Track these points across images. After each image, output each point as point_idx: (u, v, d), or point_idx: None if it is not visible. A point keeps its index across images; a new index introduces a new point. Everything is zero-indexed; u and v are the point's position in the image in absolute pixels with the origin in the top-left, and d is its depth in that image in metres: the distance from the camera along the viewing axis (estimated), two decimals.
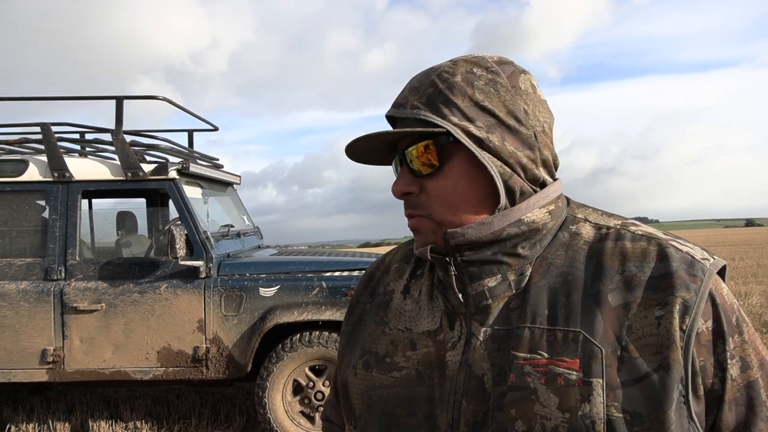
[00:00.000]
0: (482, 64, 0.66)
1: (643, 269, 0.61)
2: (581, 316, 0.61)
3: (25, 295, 3.50)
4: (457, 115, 0.64)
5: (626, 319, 0.59)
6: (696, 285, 0.59)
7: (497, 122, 0.64)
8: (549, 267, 0.65)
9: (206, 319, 3.49)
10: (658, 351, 0.57)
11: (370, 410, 0.70)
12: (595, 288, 0.62)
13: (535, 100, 0.67)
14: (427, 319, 0.70)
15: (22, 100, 3.96)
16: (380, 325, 0.74)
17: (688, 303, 0.58)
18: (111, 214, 4.63)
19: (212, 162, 4.55)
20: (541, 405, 0.59)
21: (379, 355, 0.71)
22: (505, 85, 0.66)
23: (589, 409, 0.57)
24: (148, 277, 3.55)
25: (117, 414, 4.13)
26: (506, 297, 0.65)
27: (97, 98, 3.91)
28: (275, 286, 3.50)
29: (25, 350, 3.49)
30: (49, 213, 3.65)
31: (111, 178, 3.65)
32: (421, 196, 0.67)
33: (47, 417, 4.07)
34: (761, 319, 6.52)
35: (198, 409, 4.17)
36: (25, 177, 3.65)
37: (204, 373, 3.50)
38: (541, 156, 0.67)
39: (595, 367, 0.58)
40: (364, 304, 0.79)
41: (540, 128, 0.67)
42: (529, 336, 0.62)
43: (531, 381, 0.60)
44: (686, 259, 0.61)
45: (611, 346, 0.58)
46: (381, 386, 0.70)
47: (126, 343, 3.49)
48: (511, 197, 0.65)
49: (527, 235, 0.66)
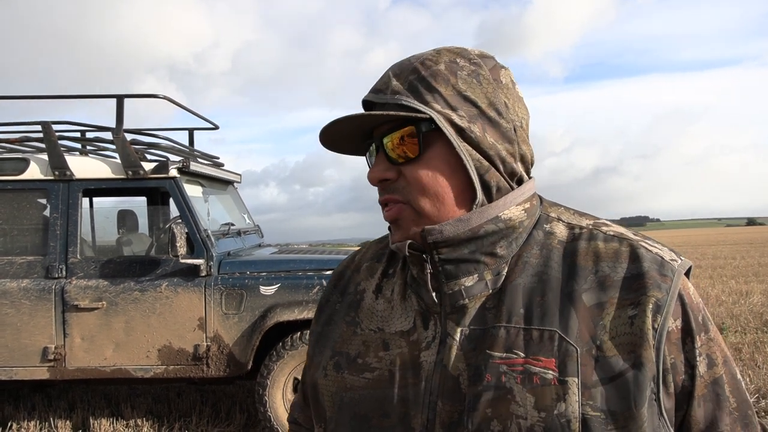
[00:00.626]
0: (465, 56, 0.66)
1: (616, 270, 0.62)
2: (557, 315, 0.61)
3: (26, 293, 3.51)
4: (440, 102, 0.63)
5: (600, 318, 0.60)
6: (666, 285, 0.60)
7: (479, 113, 0.64)
8: (525, 266, 0.65)
9: (207, 317, 3.50)
10: (631, 350, 0.58)
11: (341, 412, 0.68)
12: (569, 288, 0.62)
13: (514, 95, 0.68)
14: (400, 319, 0.68)
15: (24, 99, 3.97)
16: (351, 325, 0.72)
17: (660, 302, 0.59)
18: (112, 213, 4.64)
19: (213, 160, 4.56)
20: (516, 404, 0.58)
21: (351, 356, 0.70)
22: (487, 78, 0.65)
23: (564, 407, 0.57)
24: (148, 276, 3.55)
25: (118, 412, 4.14)
26: (483, 297, 0.65)
27: (97, 97, 3.92)
28: (276, 285, 3.51)
29: (26, 348, 3.50)
30: (50, 211, 3.66)
31: (112, 176, 3.66)
32: (399, 182, 0.66)
33: (48, 415, 4.08)
34: (762, 318, 6.52)
35: (198, 407, 4.18)
36: (26, 175, 3.65)
37: (204, 371, 3.51)
38: (519, 150, 0.67)
39: (570, 366, 0.58)
40: (334, 303, 0.77)
41: (518, 123, 0.67)
42: (504, 335, 0.61)
43: (507, 380, 0.59)
44: (657, 260, 0.62)
45: (586, 345, 0.59)
46: (352, 388, 0.68)
47: (127, 341, 3.50)
48: (488, 192, 0.65)
49: (504, 233, 0.65)
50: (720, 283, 9.76)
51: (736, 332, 5.91)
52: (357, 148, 0.73)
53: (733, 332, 5.91)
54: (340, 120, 0.65)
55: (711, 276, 10.87)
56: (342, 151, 0.73)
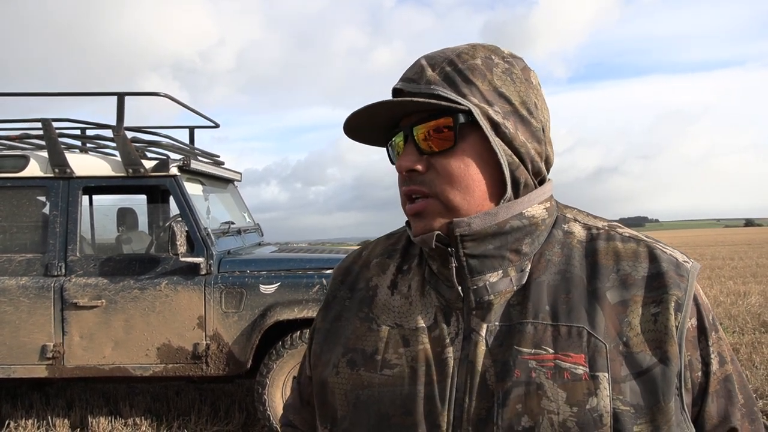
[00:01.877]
0: (499, 53, 0.67)
1: (637, 269, 0.64)
2: (583, 312, 0.62)
3: (25, 290, 3.50)
4: (477, 96, 0.63)
5: (625, 315, 0.61)
6: (684, 285, 0.62)
7: (512, 110, 0.65)
8: (547, 264, 0.66)
9: (206, 316, 3.49)
10: (657, 346, 0.60)
11: (356, 411, 0.66)
12: (593, 286, 0.63)
13: (541, 97, 0.69)
14: (419, 315, 0.67)
15: (25, 96, 3.96)
16: (366, 321, 0.70)
17: (680, 301, 0.61)
18: (111, 211, 4.64)
19: (213, 159, 4.55)
20: (548, 400, 0.58)
21: (367, 352, 0.68)
22: (519, 77, 0.66)
23: (596, 402, 0.57)
24: (148, 274, 3.54)
25: (116, 410, 4.13)
26: (507, 293, 0.65)
27: (98, 94, 3.91)
28: (276, 283, 3.51)
29: (24, 346, 3.49)
30: (49, 209, 3.65)
31: (112, 174, 3.65)
32: (428, 174, 0.65)
33: (46, 413, 4.07)
34: (760, 319, 6.53)
35: (197, 406, 4.18)
36: (26, 173, 3.64)
37: (204, 370, 3.50)
38: (545, 151, 0.68)
39: (600, 361, 0.59)
40: (343, 299, 0.75)
41: (545, 125, 0.68)
42: (532, 331, 0.61)
43: (537, 376, 0.59)
44: (673, 261, 0.64)
45: (613, 341, 0.60)
46: (370, 385, 0.66)
47: (126, 340, 3.49)
48: (516, 189, 0.66)
49: (528, 230, 0.66)
50: (718, 283, 9.78)
51: (733, 333, 5.92)
52: (378, 138, 0.72)
53: (730, 333, 5.92)
54: (375, 105, 0.64)
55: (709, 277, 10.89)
56: (363, 139, 0.72)
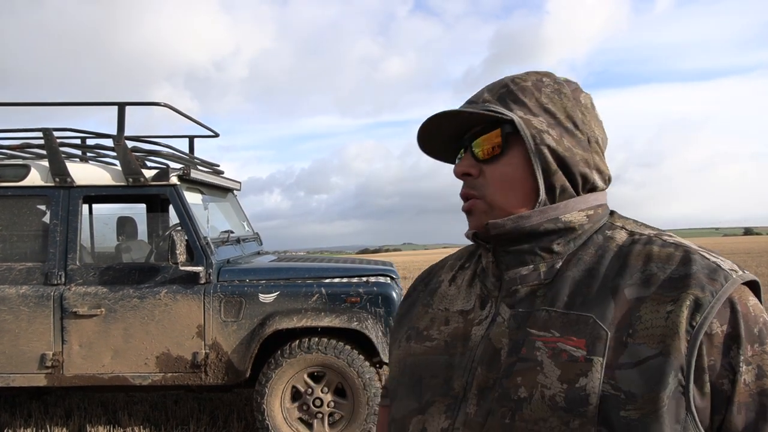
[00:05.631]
0: (551, 77, 0.77)
1: (664, 270, 0.65)
2: (596, 303, 0.66)
3: (24, 299, 3.51)
4: (523, 110, 0.73)
5: (637, 311, 0.63)
6: (713, 288, 0.62)
7: (557, 122, 0.73)
8: (578, 262, 0.71)
9: (206, 325, 3.50)
10: (661, 340, 0.61)
11: (402, 374, 0.80)
12: (614, 282, 0.67)
13: (592, 114, 0.76)
14: (462, 301, 0.79)
15: (26, 106, 3.99)
16: (426, 306, 0.84)
17: (701, 301, 0.61)
18: (111, 220, 4.65)
19: (213, 168, 4.58)
20: (543, 375, 0.64)
21: (419, 329, 0.81)
22: (568, 95, 0.75)
23: (586, 383, 0.62)
24: (147, 283, 3.55)
25: (115, 419, 4.12)
26: (534, 285, 0.72)
27: (99, 104, 3.93)
28: (275, 292, 3.51)
29: (24, 355, 3.49)
30: (49, 218, 3.66)
31: (112, 183, 3.67)
32: (479, 179, 0.75)
33: (45, 422, 4.06)
34: None
35: (196, 415, 4.17)
36: (27, 182, 3.66)
37: (203, 379, 3.51)
38: (595, 161, 0.74)
39: (598, 346, 0.63)
40: (419, 292, 0.89)
41: (594, 138, 0.75)
42: (546, 317, 0.68)
43: (539, 354, 0.66)
44: (710, 266, 0.64)
45: (618, 331, 0.63)
46: (414, 354, 0.79)
47: (125, 348, 3.50)
48: (552, 194, 0.72)
49: (562, 233, 0.72)
50: None
51: None
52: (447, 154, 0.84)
53: None
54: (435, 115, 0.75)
55: None
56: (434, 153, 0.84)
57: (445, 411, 0.71)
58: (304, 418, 3.52)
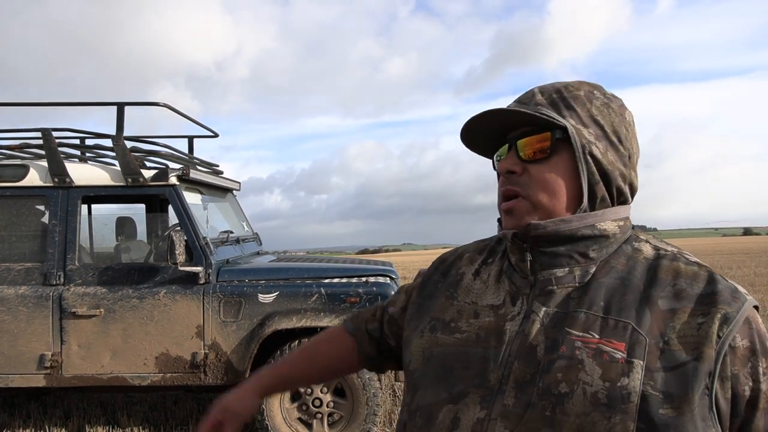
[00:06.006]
0: (601, 90, 0.81)
1: (693, 287, 0.72)
2: (633, 311, 0.71)
3: (23, 299, 3.50)
4: (574, 119, 0.77)
5: (671, 321, 0.70)
6: (737, 305, 0.70)
7: (604, 135, 0.78)
8: (611, 270, 0.76)
9: (205, 325, 3.49)
10: (695, 347, 0.67)
11: (427, 364, 0.81)
12: (648, 293, 0.72)
13: (632, 131, 0.81)
14: (492, 296, 0.82)
15: (25, 106, 3.98)
16: (450, 298, 0.86)
17: (729, 316, 0.69)
18: (110, 220, 4.64)
19: (212, 168, 4.57)
20: (585, 373, 0.69)
21: (445, 320, 0.83)
22: (616, 111, 0.80)
23: (627, 382, 0.67)
24: (147, 283, 3.55)
25: (114, 420, 4.12)
26: (569, 287, 0.76)
27: (98, 104, 3.93)
28: (274, 293, 3.51)
29: (23, 355, 3.49)
30: (48, 218, 3.66)
31: (111, 183, 3.67)
32: (523, 177, 0.78)
33: (44, 423, 4.05)
34: None
35: (195, 416, 4.16)
36: (26, 182, 3.66)
37: (202, 379, 3.50)
38: (629, 176, 0.80)
39: (638, 351, 0.68)
40: (436, 282, 0.91)
41: (632, 154, 0.80)
42: (584, 318, 0.72)
43: (579, 353, 0.70)
44: (731, 287, 0.72)
45: (655, 338, 0.69)
46: (443, 344, 0.81)
47: (124, 349, 3.49)
48: (593, 202, 0.77)
49: (597, 240, 0.77)
50: None
51: None
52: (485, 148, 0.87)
53: None
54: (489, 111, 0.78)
55: None
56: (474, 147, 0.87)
57: (480, 402, 0.73)
58: (304, 419, 3.51)
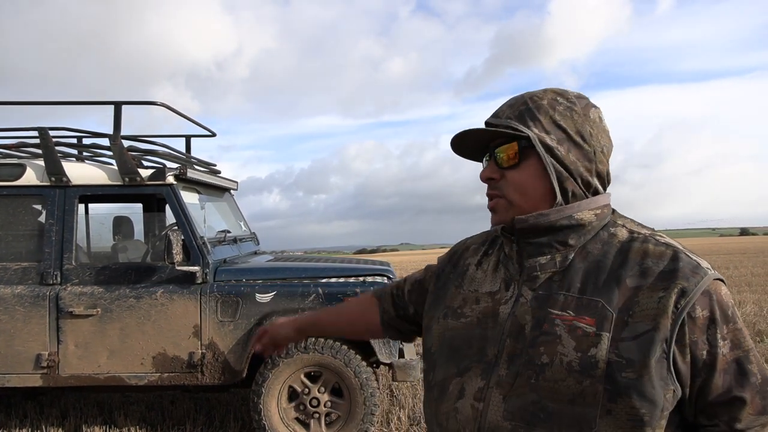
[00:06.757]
0: (565, 95, 0.90)
1: (658, 265, 0.82)
2: (604, 290, 0.82)
3: (20, 299, 3.49)
4: (538, 127, 0.88)
5: (636, 296, 0.80)
6: (695, 279, 0.80)
7: (567, 137, 0.88)
8: (587, 255, 0.87)
9: (202, 325, 3.49)
10: (653, 318, 0.78)
11: (442, 346, 0.96)
12: (618, 273, 0.83)
13: (599, 127, 0.90)
14: (489, 284, 0.95)
15: (22, 105, 3.97)
16: (458, 288, 1.00)
17: (686, 290, 0.79)
18: (107, 219, 4.63)
19: (209, 168, 4.56)
20: (562, 346, 0.82)
21: (454, 308, 0.97)
22: (579, 112, 0.89)
23: (596, 352, 0.79)
24: (144, 283, 3.54)
25: (111, 420, 4.11)
26: (551, 272, 0.88)
27: (96, 103, 3.92)
28: (271, 292, 3.51)
29: (19, 355, 3.48)
30: (45, 217, 3.65)
31: (108, 183, 3.66)
32: (501, 182, 0.91)
33: (40, 422, 4.05)
34: (755, 328, 6.55)
35: (192, 415, 4.16)
36: (23, 181, 3.65)
37: (199, 379, 3.50)
38: (596, 169, 0.89)
39: (606, 324, 0.80)
40: (448, 273, 1.05)
41: (600, 149, 0.89)
42: (563, 300, 0.84)
43: (558, 330, 0.83)
44: (692, 263, 0.82)
45: (621, 312, 0.80)
46: (452, 329, 0.95)
47: (121, 349, 3.48)
48: (565, 197, 0.88)
49: (575, 229, 0.88)
50: None
51: None
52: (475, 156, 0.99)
53: None
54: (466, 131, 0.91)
55: None
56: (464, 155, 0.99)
57: (481, 374, 0.88)
58: (301, 418, 3.51)
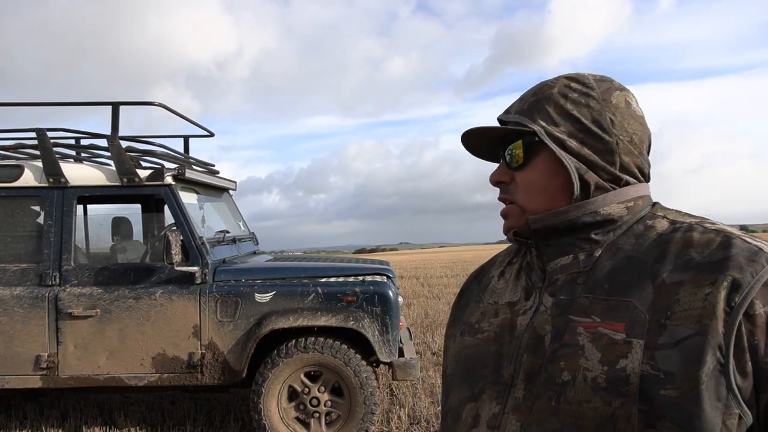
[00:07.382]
0: (580, 80, 0.78)
1: (703, 254, 0.66)
2: (635, 289, 0.68)
3: (19, 300, 3.49)
4: (545, 120, 0.77)
5: (676, 294, 0.64)
6: (753, 269, 0.63)
7: (581, 128, 0.76)
8: (617, 251, 0.73)
9: (201, 325, 3.49)
10: (698, 320, 0.62)
11: (457, 366, 0.85)
12: (654, 268, 0.68)
13: (626, 113, 0.77)
14: (510, 293, 0.83)
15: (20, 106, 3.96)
16: (478, 302, 0.88)
17: (740, 282, 0.62)
18: (106, 220, 4.63)
19: (208, 168, 4.56)
20: (585, 359, 0.67)
21: (471, 323, 0.86)
22: (597, 98, 0.76)
23: (626, 364, 0.64)
24: (143, 283, 3.54)
25: (111, 420, 4.11)
26: (574, 273, 0.74)
27: (93, 104, 3.92)
28: (271, 292, 3.51)
29: (19, 356, 3.48)
30: (44, 218, 3.65)
31: (107, 183, 3.66)
32: (511, 185, 0.81)
33: (40, 423, 4.04)
34: None
35: (193, 416, 4.16)
36: (21, 182, 3.64)
37: (199, 379, 3.50)
38: (620, 161, 0.76)
39: (637, 329, 0.65)
40: (472, 290, 0.94)
41: (627, 138, 0.76)
42: (586, 304, 0.70)
43: (581, 339, 0.68)
44: (751, 249, 0.65)
45: (656, 314, 0.64)
46: (468, 346, 0.84)
47: (121, 349, 3.48)
48: (586, 191, 0.75)
49: (602, 225, 0.75)
50: None
51: None
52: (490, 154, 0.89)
53: None
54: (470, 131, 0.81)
55: None
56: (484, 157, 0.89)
57: (496, 397, 0.75)
58: (301, 418, 3.51)
